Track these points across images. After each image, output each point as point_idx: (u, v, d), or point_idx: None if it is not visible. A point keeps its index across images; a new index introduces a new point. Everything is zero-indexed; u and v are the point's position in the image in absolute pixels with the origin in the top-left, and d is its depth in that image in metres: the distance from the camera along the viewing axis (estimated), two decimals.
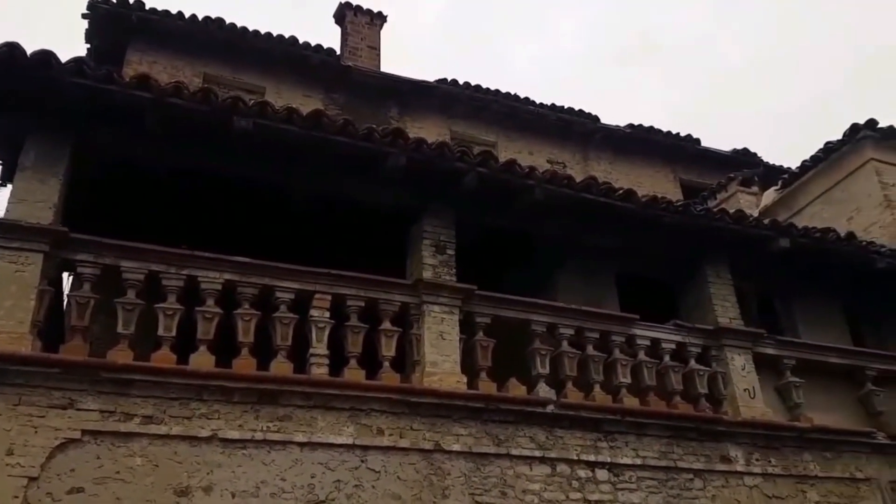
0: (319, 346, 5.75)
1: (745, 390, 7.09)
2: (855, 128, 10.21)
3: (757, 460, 6.77)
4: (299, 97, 10.72)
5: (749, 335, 7.44)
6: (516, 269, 7.74)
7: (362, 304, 6.01)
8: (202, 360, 5.32)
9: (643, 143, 13.19)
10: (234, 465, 5.07)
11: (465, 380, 6.02)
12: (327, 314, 5.87)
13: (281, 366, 5.55)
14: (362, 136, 6.02)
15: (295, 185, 6.36)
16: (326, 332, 5.82)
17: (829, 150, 10.52)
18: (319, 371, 5.64)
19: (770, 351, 7.53)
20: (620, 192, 6.98)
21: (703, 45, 50.03)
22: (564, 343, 6.64)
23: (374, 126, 6.15)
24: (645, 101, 46.44)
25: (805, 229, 7.97)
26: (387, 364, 5.93)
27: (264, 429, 5.23)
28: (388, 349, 5.99)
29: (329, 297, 5.92)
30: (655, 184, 12.42)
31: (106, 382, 4.97)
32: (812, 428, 7.14)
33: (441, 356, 6.04)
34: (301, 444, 5.29)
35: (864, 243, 8.36)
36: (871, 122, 10.12)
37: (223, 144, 5.87)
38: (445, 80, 12.17)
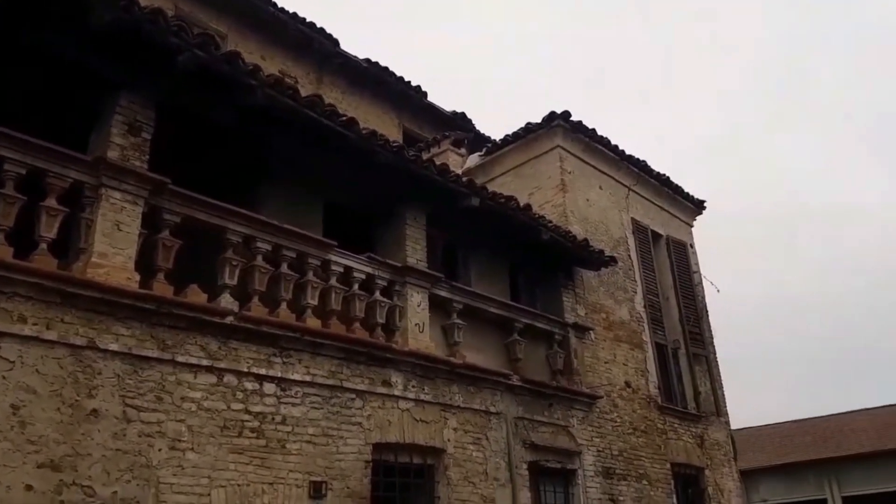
0: None
1: (416, 325, 7.74)
2: (552, 115, 11.55)
3: (413, 387, 7.48)
4: None
5: (430, 277, 8.09)
6: (221, 174, 7.28)
7: (24, 171, 5.10)
8: None
9: (376, 82, 13.28)
10: None
11: (137, 278, 5.53)
12: None
13: None
14: None
15: None
16: None
17: (528, 130, 11.79)
18: None
19: (444, 294, 8.30)
20: (344, 118, 6.98)
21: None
22: (259, 258, 6.49)
23: None
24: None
25: (493, 193, 8.91)
26: (44, 246, 5.16)
27: None
28: (49, 230, 5.21)
29: None
30: (381, 125, 12.58)
31: None
32: (463, 364, 8.08)
33: (113, 248, 5.45)
34: None
35: (537, 216, 9.65)
36: (566, 114, 11.56)
37: None
38: None
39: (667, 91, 63.56)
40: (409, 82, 13.86)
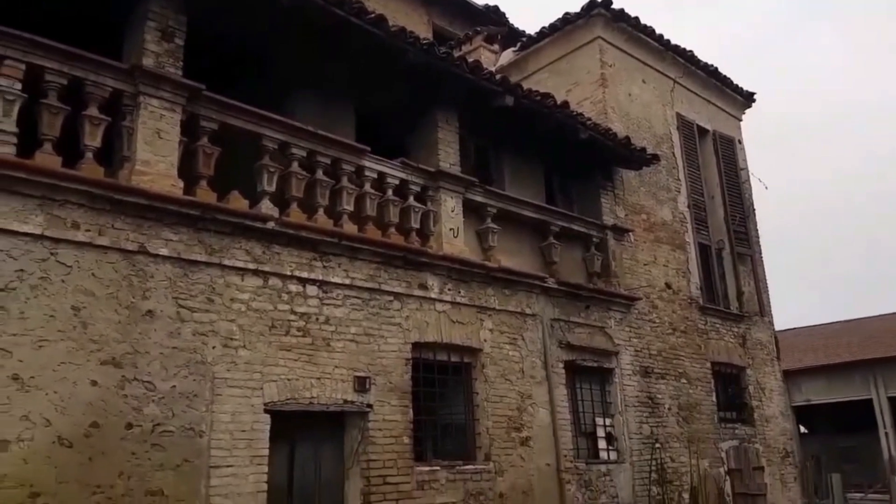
0: (6, 122, 4.95)
1: (450, 230, 7.83)
2: (591, 4, 10.86)
3: (449, 290, 7.66)
4: None
5: (463, 181, 8.08)
6: (253, 82, 7.30)
7: (65, 81, 5.23)
8: None
9: None
10: None
11: (181, 185, 5.72)
12: (19, 86, 5.02)
13: None
14: None
15: None
16: (16, 107, 5.01)
17: (566, 20, 11.14)
18: (4, 150, 4.89)
19: (478, 198, 8.30)
20: (372, 15, 6.81)
21: None
22: (295, 164, 6.60)
23: None
24: None
25: (528, 91, 8.65)
26: (90, 155, 5.36)
27: None
28: (93, 139, 5.39)
29: (23, 67, 5.04)
30: (410, 23, 12.16)
31: None
32: (498, 268, 8.18)
33: (156, 156, 5.62)
34: None
35: (575, 114, 9.39)
36: (607, 2, 10.83)
37: None
38: None
39: None
40: None
